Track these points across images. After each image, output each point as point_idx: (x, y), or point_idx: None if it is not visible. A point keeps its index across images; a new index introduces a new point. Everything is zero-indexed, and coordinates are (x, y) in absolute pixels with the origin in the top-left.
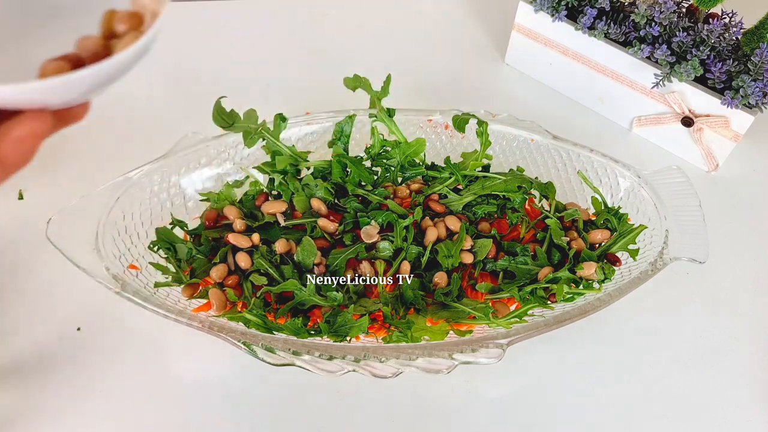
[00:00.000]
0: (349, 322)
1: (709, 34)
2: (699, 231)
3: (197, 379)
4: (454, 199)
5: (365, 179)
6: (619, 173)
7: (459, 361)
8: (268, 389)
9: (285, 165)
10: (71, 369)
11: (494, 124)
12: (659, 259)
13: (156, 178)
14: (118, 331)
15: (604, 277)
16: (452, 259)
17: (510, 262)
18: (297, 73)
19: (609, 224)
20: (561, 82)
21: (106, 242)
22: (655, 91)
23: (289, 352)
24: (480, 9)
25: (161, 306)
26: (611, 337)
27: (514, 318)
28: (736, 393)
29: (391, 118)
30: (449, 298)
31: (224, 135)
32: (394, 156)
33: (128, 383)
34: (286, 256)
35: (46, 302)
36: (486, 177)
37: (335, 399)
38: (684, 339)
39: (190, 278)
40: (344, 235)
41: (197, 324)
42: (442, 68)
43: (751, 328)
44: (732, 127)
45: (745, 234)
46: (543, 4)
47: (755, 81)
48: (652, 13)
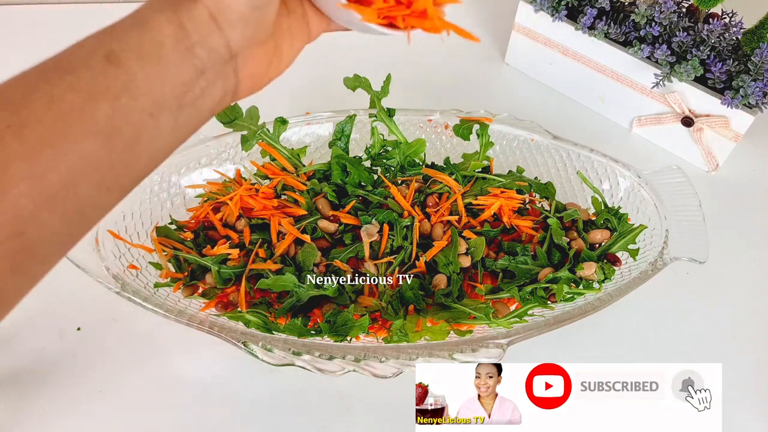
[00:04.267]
0: (350, 322)
1: (709, 34)
2: (699, 231)
3: (197, 379)
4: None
5: (365, 180)
6: (619, 173)
7: (459, 361)
8: (268, 389)
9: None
10: (71, 369)
11: (494, 124)
12: (659, 259)
13: (156, 178)
14: (118, 331)
15: (604, 277)
16: (452, 266)
17: (510, 262)
18: (297, 73)
19: (609, 224)
20: (561, 82)
21: (106, 242)
22: (655, 91)
23: (289, 352)
24: (480, 9)
25: (161, 306)
26: (611, 337)
27: (514, 318)
28: (737, 393)
29: (391, 118)
30: (449, 299)
31: (224, 135)
32: (394, 156)
33: (128, 383)
34: (287, 256)
35: (46, 302)
36: (485, 179)
37: (335, 399)
38: (684, 339)
39: (189, 279)
40: (344, 234)
41: (197, 324)
42: (442, 68)
43: (752, 327)
44: (732, 127)
45: (745, 234)
46: (543, 4)
47: (755, 81)
48: (652, 13)
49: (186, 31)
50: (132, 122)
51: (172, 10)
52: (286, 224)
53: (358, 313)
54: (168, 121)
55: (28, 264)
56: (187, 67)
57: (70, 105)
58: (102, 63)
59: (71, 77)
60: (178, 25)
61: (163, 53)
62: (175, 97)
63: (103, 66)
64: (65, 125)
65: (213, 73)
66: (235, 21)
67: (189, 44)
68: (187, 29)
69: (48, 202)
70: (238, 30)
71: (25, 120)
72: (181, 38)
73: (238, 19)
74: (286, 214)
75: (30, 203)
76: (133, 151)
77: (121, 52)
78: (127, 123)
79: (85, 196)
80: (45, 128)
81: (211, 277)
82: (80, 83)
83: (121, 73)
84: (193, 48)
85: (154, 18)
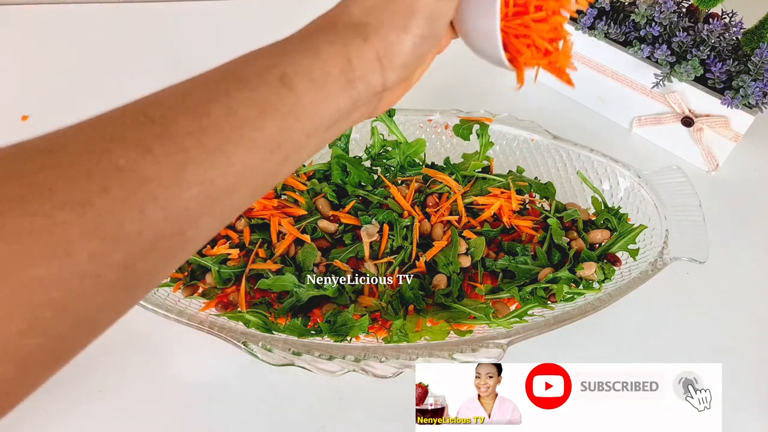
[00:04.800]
0: (350, 322)
1: (709, 34)
2: (699, 231)
3: (197, 379)
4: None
5: (365, 180)
6: (619, 173)
7: (459, 361)
8: (268, 389)
9: None
10: (71, 369)
11: (494, 124)
12: (659, 259)
13: None
14: (118, 331)
15: (604, 277)
16: (452, 266)
17: (510, 262)
18: None
19: (609, 224)
20: (561, 81)
21: None
22: (655, 91)
23: (289, 352)
24: None
25: (161, 306)
26: (611, 337)
27: (514, 318)
28: (737, 393)
29: (391, 118)
30: (449, 299)
31: None
32: (394, 156)
33: (128, 383)
34: (287, 256)
35: None
36: (485, 179)
37: (335, 399)
38: (684, 339)
39: (190, 279)
40: (344, 234)
41: (197, 324)
42: (441, 68)
43: (752, 328)
44: (732, 127)
45: (745, 234)
46: None
47: (755, 81)
48: (652, 13)
49: (352, 66)
50: (292, 140)
51: (343, 43)
52: (286, 224)
53: (358, 313)
54: (317, 140)
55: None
56: (345, 97)
57: (245, 118)
58: (276, 83)
59: (249, 93)
60: (346, 59)
61: (328, 82)
62: (329, 121)
63: (277, 86)
64: (239, 136)
65: (363, 103)
66: (398, 66)
67: (352, 77)
68: (353, 64)
69: (211, 206)
70: (397, 72)
71: (206, 127)
72: (346, 71)
73: (401, 64)
74: (286, 214)
75: (197, 206)
76: (286, 164)
77: (294, 75)
78: (288, 140)
79: (240, 201)
80: (222, 137)
81: (211, 277)
82: (256, 99)
83: (292, 95)
84: (354, 81)
85: (326, 48)
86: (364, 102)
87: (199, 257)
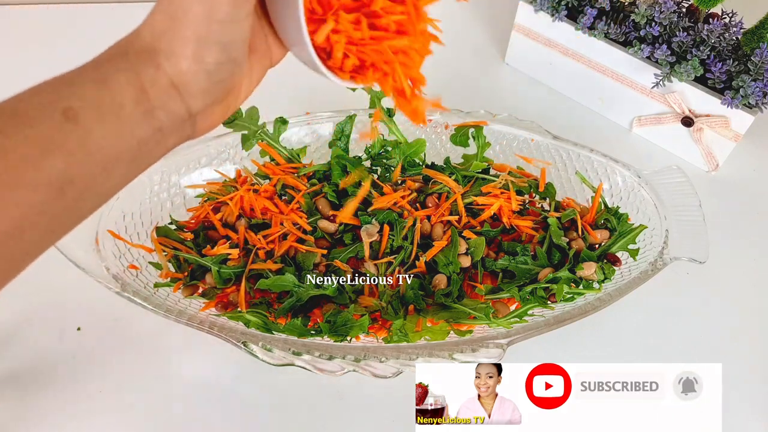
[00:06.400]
0: (350, 322)
1: (709, 34)
2: (699, 231)
3: (197, 379)
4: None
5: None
6: (619, 173)
7: (459, 361)
8: (268, 389)
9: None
10: (71, 369)
11: (494, 124)
12: (659, 259)
13: (156, 177)
14: (118, 331)
15: (604, 277)
16: (452, 266)
17: (510, 262)
18: (297, 73)
19: (609, 224)
20: (561, 82)
21: (106, 242)
22: (655, 91)
23: (289, 352)
24: (480, 9)
25: (161, 306)
26: (611, 337)
27: (514, 318)
28: (737, 393)
29: (391, 118)
30: (449, 299)
31: (224, 135)
32: (394, 156)
33: (128, 383)
34: (287, 256)
35: (46, 302)
36: (485, 179)
37: (335, 399)
38: (684, 339)
39: (189, 279)
40: (344, 234)
41: (197, 324)
42: (441, 68)
43: (752, 327)
44: (732, 127)
45: (745, 234)
46: (543, 4)
47: (755, 81)
48: (652, 13)
49: (147, 95)
50: (84, 175)
51: (134, 72)
52: (288, 224)
53: (358, 313)
54: (121, 171)
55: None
56: (146, 127)
57: (23, 158)
58: (59, 119)
59: (28, 130)
60: (139, 89)
61: (122, 114)
62: (131, 152)
63: (60, 122)
64: (16, 176)
65: (170, 130)
66: (196, 93)
67: (149, 107)
68: (149, 94)
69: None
70: (199, 99)
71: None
72: (142, 101)
73: (199, 91)
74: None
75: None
76: (83, 199)
77: (79, 110)
78: (79, 176)
79: (31, 241)
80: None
81: (211, 277)
82: (36, 137)
83: (78, 129)
84: (153, 111)
85: (115, 78)
86: (172, 129)
87: (200, 257)
